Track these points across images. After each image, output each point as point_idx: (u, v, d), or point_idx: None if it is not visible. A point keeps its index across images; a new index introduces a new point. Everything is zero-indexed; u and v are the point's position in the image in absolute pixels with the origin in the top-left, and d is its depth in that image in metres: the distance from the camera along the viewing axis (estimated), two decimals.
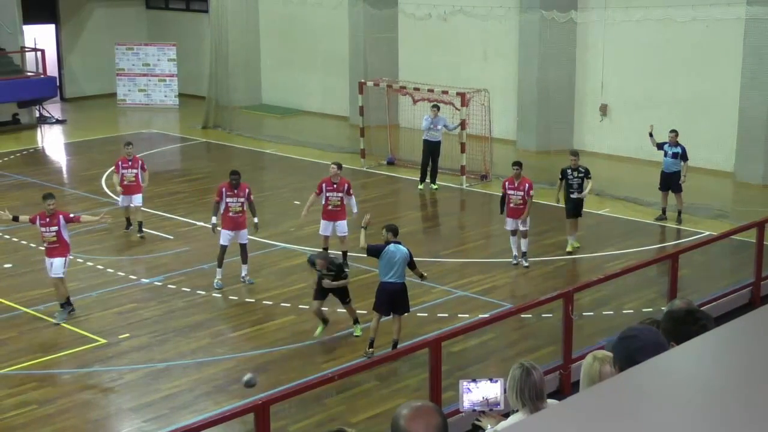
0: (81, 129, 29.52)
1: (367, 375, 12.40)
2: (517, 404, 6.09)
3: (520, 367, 6.10)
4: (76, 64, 34.35)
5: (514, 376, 6.08)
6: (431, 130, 21.83)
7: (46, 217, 14.78)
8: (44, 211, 14.86)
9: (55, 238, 14.73)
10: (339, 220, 16.46)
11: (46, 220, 14.76)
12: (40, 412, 11.93)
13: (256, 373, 10.51)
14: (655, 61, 23.75)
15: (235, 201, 15.99)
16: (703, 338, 4.37)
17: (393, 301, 13.23)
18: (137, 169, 18.57)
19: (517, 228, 16.74)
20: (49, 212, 14.78)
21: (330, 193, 16.43)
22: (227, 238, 15.99)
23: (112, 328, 14.41)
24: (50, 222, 14.75)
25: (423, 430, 3.83)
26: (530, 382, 6.03)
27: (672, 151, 19.10)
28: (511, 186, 16.73)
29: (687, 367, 3.95)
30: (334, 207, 16.42)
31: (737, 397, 3.51)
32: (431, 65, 27.30)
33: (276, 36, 32.08)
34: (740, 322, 4.53)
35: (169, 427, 10.92)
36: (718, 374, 3.79)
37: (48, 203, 14.86)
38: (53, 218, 14.77)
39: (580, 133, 25.60)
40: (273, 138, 27.61)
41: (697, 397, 3.56)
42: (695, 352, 4.17)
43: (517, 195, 16.64)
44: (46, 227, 14.76)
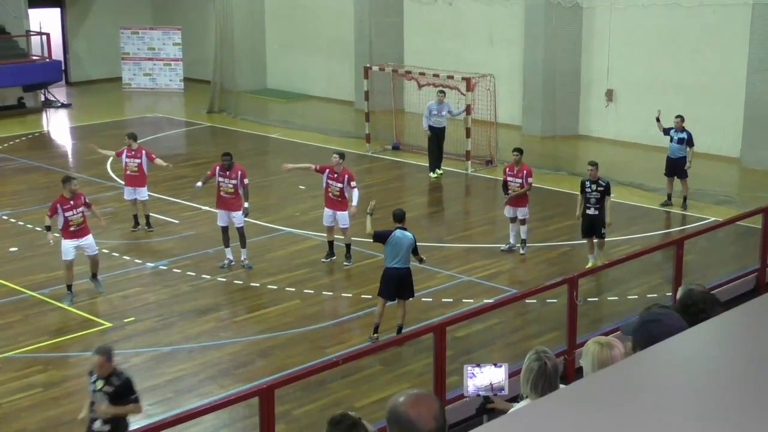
0: (86, 113, 29.52)
1: (371, 359, 12.42)
2: (528, 393, 6.08)
3: (538, 359, 6.05)
4: (81, 48, 34.34)
5: (531, 368, 6.03)
6: (436, 116, 21.77)
7: (70, 200, 14.73)
8: (63, 195, 14.76)
9: (82, 218, 14.84)
10: (340, 211, 16.17)
11: (69, 203, 14.71)
12: (45, 395, 11.98)
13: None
14: (662, 46, 23.67)
15: (226, 182, 16.00)
16: (707, 324, 4.36)
17: (398, 286, 13.24)
18: (140, 159, 17.93)
19: (515, 215, 16.70)
20: (72, 193, 14.75)
21: (330, 181, 16.25)
22: (222, 218, 16.09)
23: (117, 311, 14.44)
24: (75, 204, 14.77)
25: (426, 414, 3.84)
26: (546, 376, 6.01)
27: (678, 136, 19.06)
28: (510, 172, 16.67)
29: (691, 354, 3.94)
30: (333, 196, 16.22)
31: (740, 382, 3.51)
32: (436, 50, 27.25)
33: (281, 20, 32.03)
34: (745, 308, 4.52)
35: (174, 410, 10.95)
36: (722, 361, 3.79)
37: (73, 184, 14.86)
38: (77, 199, 14.82)
39: (586, 118, 25.55)
40: (278, 122, 27.59)
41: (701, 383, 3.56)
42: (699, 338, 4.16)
43: (515, 182, 16.58)
44: (72, 210, 14.72)
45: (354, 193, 16.17)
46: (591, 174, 15.85)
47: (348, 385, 12.02)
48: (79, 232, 14.84)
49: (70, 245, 14.77)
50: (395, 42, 28.60)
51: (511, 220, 16.84)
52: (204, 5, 33.14)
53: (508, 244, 16.85)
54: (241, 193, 16.06)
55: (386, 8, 28.41)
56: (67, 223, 14.74)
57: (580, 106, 25.62)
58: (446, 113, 21.88)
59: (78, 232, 14.82)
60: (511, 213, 16.76)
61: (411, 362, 12.64)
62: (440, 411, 3.89)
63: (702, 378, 3.60)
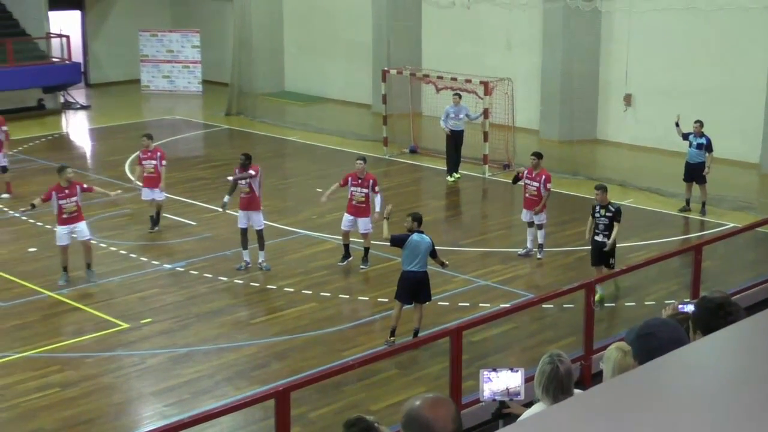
0: (105, 115, 29.64)
1: (387, 363, 12.41)
2: (541, 396, 6.07)
3: (551, 362, 6.04)
4: (100, 50, 34.49)
5: (543, 371, 6.03)
6: (453, 119, 21.75)
7: (64, 189, 15.40)
8: (59, 184, 15.47)
9: (75, 207, 15.49)
10: (362, 217, 16.13)
11: (65, 192, 15.40)
12: (62, 394, 12.01)
13: None
14: (681, 50, 23.59)
15: (244, 183, 16.05)
16: (728, 331, 4.33)
17: (415, 289, 13.21)
18: (155, 160, 18.04)
19: (533, 220, 16.59)
20: (67, 182, 15.44)
21: (354, 188, 16.20)
22: (242, 220, 16.10)
23: (134, 312, 14.48)
24: (70, 193, 15.44)
25: (445, 416, 3.85)
26: (557, 379, 6.00)
27: (696, 141, 18.98)
28: (528, 175, 16.59)
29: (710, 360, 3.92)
30: (358, 203, 16.16)
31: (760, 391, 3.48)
32: (454, 54, 27.22)
33: (299, 23, 32.08)
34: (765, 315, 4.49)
35: (190, 411, 10.97)
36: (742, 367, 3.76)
37: (67, 172, 15.54)
38: (72, 188, 15.48)
39: (604, 123, 25.48)
40: (295, 125, 27.63)
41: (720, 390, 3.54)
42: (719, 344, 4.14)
43: (532, 185, 16.48)
44: (66, 198, 15.39)
45: (377, 199, 16.05)
46: (598, 198, 14.74)
47: (364, 389, 12.01)
48: (72, 219, 15.48)
49: (63, 231, 15.47)
50: (413, 45, 28.61)
51: (529, 225, 16.77)
52: (223, 8, 33.23)
53: (525, 249, 16.80)
54: (256, 191, 16.06)
55: (404, 12, 28.42)
56: (60, 211, 15.42)
57: (598, 111, 25.55)
58: (463, 116, 21.85)
59: (70, 219, 15.48)
60: (528, 217, 16.69)
61: (427, 366, 12.62)
62: (457, 414, 3.90)
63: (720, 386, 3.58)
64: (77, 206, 15.51)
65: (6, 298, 15.00)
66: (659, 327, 4.79)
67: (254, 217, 16.06)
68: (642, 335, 4.73)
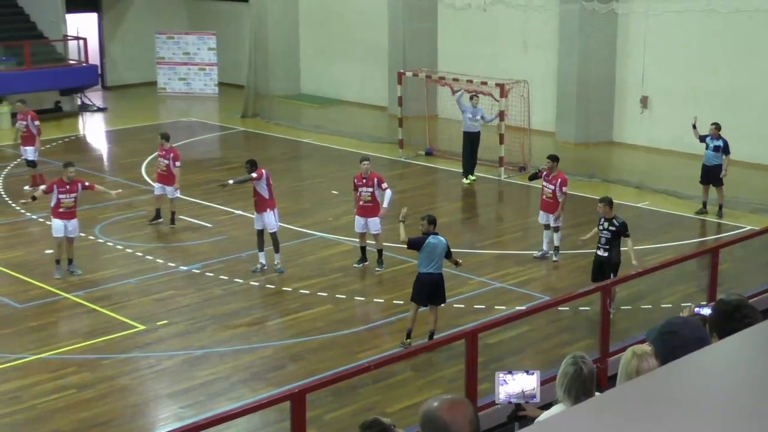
0: (121, 117, 29.74)
1: (403, 365, 12.41)
2: (562, 397, 6.05)
3: (575, 364, 6.02)
4: (117, 53, 34.61)
5: (566, 372, 6.01)
6: (471, 119, 21.72)
7: (66, 184, 15.91)
8: (62, 179, 15.99)
9: (73, 203, 16.02)
10: (371, 217, 16.17)
11: (66, 187, 15.92)
12: (79, 396, 12.06)
13: None
14: (698, 52, 23.50)
15: (258, 185, 16.15)
16: (744, 334, 4.31)
17: (432, 291, 13.22)
18: (168, 160, 18.52)
19: (548, 222, 16.61)
20: (69, 179, 15.94)
21: (361, 188, 16.29)
22: (257, 222, 16.18)
23: (150, 314, 14.52)
24: (71, 189, 15.95)
25: (462, 418, 3.84)
26: (580, 381, 5.97)
27: (713, 144, 18.91)
28: (545, 178, 16.59)
29: (726, 364, 3.90)
30: (365, 202, 16.24)
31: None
32: (470, 56, 27.20)
33: (315, 25, 32.12)
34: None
35: (206, 413, 10.98)
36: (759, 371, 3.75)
37: (71, 170, 16.04)
38: (73, 185, 15.96)
39: (620, 125, 25.41)
40: (311, 127, 27.65)
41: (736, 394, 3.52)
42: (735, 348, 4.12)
43: (548, 188, 16.48)
44: (66, 194, 15.92)
45: (387, 194, 16.13)
46: (601, 211, 14.23)
47: (379, 391, 12.01)
48: (67, 215, 15.94)
49: (59, 224, 15.95)
50: (429, 47, 28.59)
51: (545, 227, 16.75)
52: (239, 10, 33.29)
53: (541, 251, 16.78)
54: (264, 194, 16.09)
55: (420, 14, 28.41)
56: (58, 204, 15.88)
57: (614, 113, 25.48)
58: (480, 118, 21.83)
59: (66, 215, 15.93)
60: (544, 219, 16.67)
61: (442, 368, 12.61)
62: (474, 416, 3.89)
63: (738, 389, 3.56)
64: (74, 202, 16.05)
65: (23, 300, 15.07)
66: (682, 325, 4.77)
67: (266, 220, 16.08)
68: (664, 333, 4.70)
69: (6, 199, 20.61)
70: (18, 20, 31.53)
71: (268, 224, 16.10)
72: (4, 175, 22.56)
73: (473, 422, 3.85)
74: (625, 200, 20.30)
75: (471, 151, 21.86)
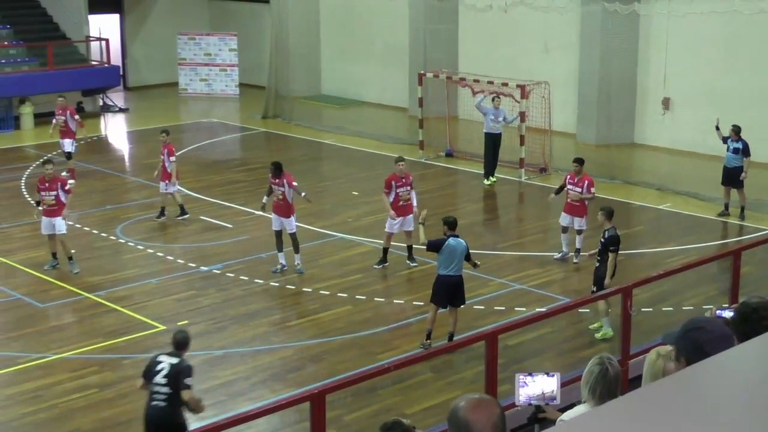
0: (143, 117, 29.86)
1: (422, 366, 12.39)
2: (587, 397, 6.02)
3: (601, 363, 6.00)
4: (139, 54, 34.76)
5: (592, 371, 5.99)
6: (493, 121, 21.69)
7: (45, 182, 16.20)
8: (43, 176, 16.30)
9: (54, 201, 16.18)
10: (408, 215, 16.37)
11: (45, 185, 16.20)
12: (100, 395, 12.11)
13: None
14: (720, 54, 23.38)
15: (276, 189, 16.15)
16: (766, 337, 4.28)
17: (451, 293, 13.22)
18: (164, 155, 18.83)
19: (570, 225, 16.51)
20: (48, 177, 16.22)
21: (400, 188, 16.39)
22: (275, 223, 16.19)
23: (171, 314, 14.56)
24: (50, 187, 16.18)
25: (485, 420, 3.81)
26: (605, 381, 5.95)
27: (733, 146, 18.84)
28: (571, 180, 16.52)
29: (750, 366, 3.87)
30: (404, 202, 16.37)
31: None
32: (491, 57, 27.15)
33: (336, 26, 32.15)
34: None
35: (226, 414, 11.00)
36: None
37: (47, 168, 16.33)
38: (53, 183, 16.20)
39: (642, 126, 25.32)
40: (332, 128, 27.67)
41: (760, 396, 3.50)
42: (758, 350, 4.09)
43: (575, 191, 16.39)
44: (46, 191, 16.18)
45: (413, 195, 16.53)
46: (600, 220, 13.98)
47: (399, 392, 12.00)
48: (50, 213, 16.19)
49: (45, 221, 16.33)
50: (450, 49, 28.56)
51: (563, 230, 16.65)
52: (260, 12, 33.37)
53: (561, 253, 16.73)
54: (290, 199, 16.12)
55: (441, 15, 28.38)
56: (41, 202, 16.22)
57: (635, 114, 25.38)
58: (501, 119, 21.80)
59: (49, 212, 16.20)
60: (567, 221, 16.56)
61: (462, 370, 12.59)
62: (500, 418, 3.85)
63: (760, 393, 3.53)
64: (56, 200, 16.17)
65: (44, 300, 15.15)
66: (708, 322, 4.74)
67: (285, 222, 16.13)
68: (690, 329, 4.66)
69: (28, 199, 20.71)
70: (41, 21, 31.72)
71: (288, 225, 16.13)
72: (26, 175, 22.68)
73: (497, 425, 3.82)
74: (646, 202, 20.24)
75: (493, 152, 21.83)
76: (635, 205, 20.38)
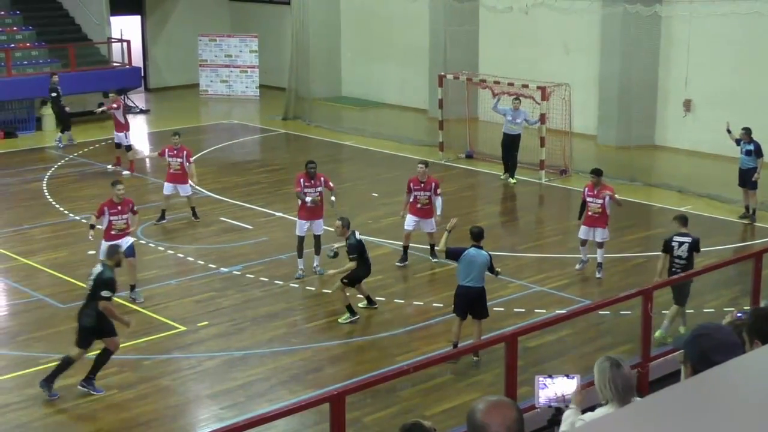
0: (164, 119, 29.97)
1: (442, 368, 12.38)
2: (608, 396, 5.98)
3: (608, 359, 5.99)
4: (160, 55, 34.90)
5: (603, 369, 5.98)
6: (510, 122, 21.70)
7: (117, 205, 15.10)
8: (111, 199, 15.17)
9: (125, 224, 15.17)
10: (428, 218, 16.40)
11: (117, 209, 15.07)
12: (120, 396, 12.16)
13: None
14: (742, 56, 23.27)
15: (312, 191, 16.04)
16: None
17: (471, 305, 13.02)
18: (182, 158, 18.76)
19: (590, 238, 15.94)
20: (118, 200, 15.13)
21: (417, 192, 16.38)
22: (303, 228, 16.08)
23: (191, 315, 14.61)
24: (122, 210, 15.12)
25: (500, 423, 3.81)
26: (621, 373, 5.93)
27: (746, 148, 18.90)
28: (590, 192, 15.94)
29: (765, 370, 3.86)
30: (423, 206, 16.40)
31: None
32: (512, 58, 27.10)
33: (356, 28, 32.18)
34: None
35: (245, 414, 11.03)
36: None
37: (118, 188, 15.22)
38: (124, 206, 15.17)
39: (663, 128, 25.22)
40: (352, 130, 27.70)
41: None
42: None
43: (595, 203, 15.83)
44: (117, 215, 15.03)
45: (438, 201, 16.37)
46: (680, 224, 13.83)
47: (418, 394, 12.00)
48: (121, 236, 14.94)
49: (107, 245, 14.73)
50: (470, 50, 28.53)
51: (582, 243, 16.10)
52: (281, 13, 33.45)
53: (581, 264, 16.23)
54: (325, 195, 16.16)
55: (462, 16, 28.36)
56: (110, 227, 15.05)
57: (656, 116, 25.29)
58: (521, 121, 21.77)
59: (119, 236, 14.92)
60: (586, 234, 16.00)
61: (482, 372, 12.58)
62: (515, 422, 3.84)
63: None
64: (127, 224, 15.21)
65: (65, 300, 15.21)
66: (715, 329, 4.73)
67: (316, 224, 16.10)
68: (697, 335, 4.66)
69: (50, 200, 20.85)
70: (63, 23, 31.93)
71: (317, 228, 16.07)
72: (48, 176, 22.82)
73: (512, 428, 3.81)
74: (667, 204, 20.15)
75: (509, 152, 21.84)
76: (655, 208, 20.31)
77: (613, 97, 25.16)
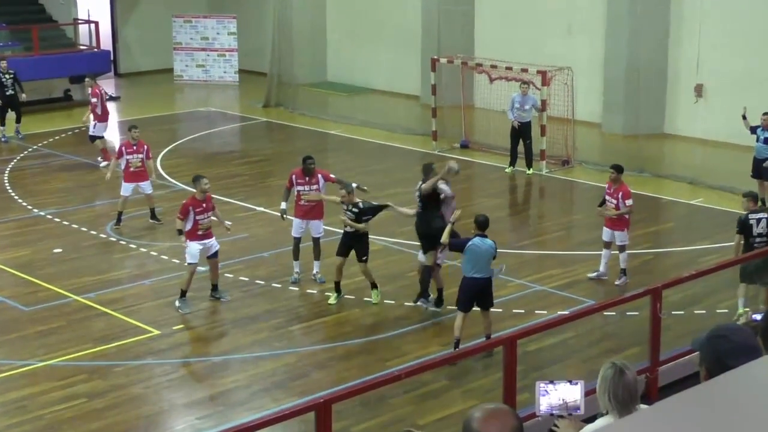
0: (135, 106, 29.93)
1: (436, 374, 12.40)
2: (608, 406, 6.02)
3: (612, 366, 6.01)
4: (131, 38, 34.82)
5: (605, 376, 6.01)
6: (519, 110, 21.70)
7: (201, 203, 14.93)
8: (194, 197, 15.02)
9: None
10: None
11: (202, 206, 14.89)
12: (89, 405, 12.14)
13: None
14: (757, 37, 23.32)
15: (308, 189, 15.92)
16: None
17: (477, 297, 13.16)
18: (142, 154, 18.45)
19: (612, 240, 15.79)
20: (203, 195, 14.96)
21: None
22: (299, 229, 15.87)
23: (165, 318, 14.60)
24: (207, 207, 14.96)
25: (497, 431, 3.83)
26: (624, 382, 5.94)
27: (764, 135, 18.81)
28: (608, 191, 15.80)
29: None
30: None
31: None
32: (510, 41, 27.13)
33: (343, 8, 32.17)
34: None
35: (225, 424, 11.05)
36: None
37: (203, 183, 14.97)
38: (208, 202, 15.05)
39: (673, 115, 25.28)
40: (338, 118, 27.70)
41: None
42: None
43: (611, 202, 15.69)
44: (203, 213, 14.86)
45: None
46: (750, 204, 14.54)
47: (410, 401, 12.02)
48: (207, 235, 15.00)
49: (196, 248, 14.92)
50: (465, 32, 28.54)
51: (605, 245, 15.91)
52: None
53: (597, 272, 16.02)
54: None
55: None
56: (196, 226, 14.86)
57: (666, 102, 25.35)
58: (530, 107, 21.78)
59: (205, 235, 14.98)
60: (607, 237, 15.83)
61: (479, 377, 12.60)
62: (517, 428, 3.86)
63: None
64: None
65: (29, 303, 15.19)
66: (733, 330, 4.75)
67: (314, 225, 15.95)
68: (713, 337, 4.68)
69: (12, 194, 20.79)
70: (25, 2, 31.84)
71: (315, 229, 15.93)
72: (10, 168, 22.76)
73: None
74: (677, 197, 20.22)
75: (517, 142, 21.84)
76: (665, 200, 20.36)
77: (619, 82, 25.20)
